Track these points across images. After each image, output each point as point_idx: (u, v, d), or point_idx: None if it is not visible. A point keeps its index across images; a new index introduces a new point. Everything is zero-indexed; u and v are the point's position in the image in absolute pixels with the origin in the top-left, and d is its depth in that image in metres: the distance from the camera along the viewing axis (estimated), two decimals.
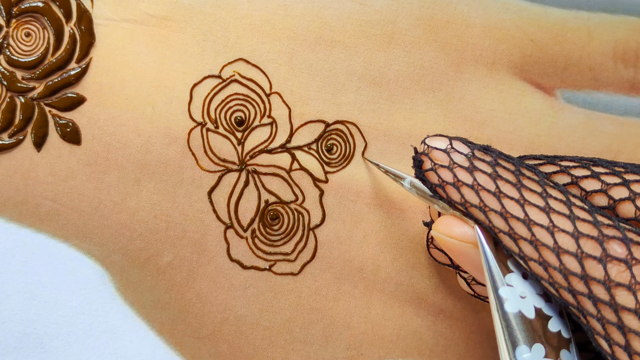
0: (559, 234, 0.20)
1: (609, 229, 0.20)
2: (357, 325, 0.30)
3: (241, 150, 0.30)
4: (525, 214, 0.21)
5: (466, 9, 0.30)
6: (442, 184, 0.22)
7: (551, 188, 0.21)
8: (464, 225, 0.22)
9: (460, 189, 0.22)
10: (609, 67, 0.31)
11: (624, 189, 0.21)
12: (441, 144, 0.23)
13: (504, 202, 0.21)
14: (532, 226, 0.20)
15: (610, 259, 0.19)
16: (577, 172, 0.22)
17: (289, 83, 0.30)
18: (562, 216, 0.20)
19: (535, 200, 0.21)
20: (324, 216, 0.30)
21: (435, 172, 0.22)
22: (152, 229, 0.30)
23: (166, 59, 0.30)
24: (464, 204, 0.22)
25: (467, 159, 0.22)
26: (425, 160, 0.23)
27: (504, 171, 0.22)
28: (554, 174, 0.22)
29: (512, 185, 0.21)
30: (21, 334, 0.29)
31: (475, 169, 0.22)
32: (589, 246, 0.20)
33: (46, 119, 0.29)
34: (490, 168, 0.22)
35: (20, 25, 0.29)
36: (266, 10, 0.30)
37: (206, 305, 0.30)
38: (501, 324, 0.21)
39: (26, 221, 0.29)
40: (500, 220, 0.21)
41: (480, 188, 0.21)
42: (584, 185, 0.22)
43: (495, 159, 0.22)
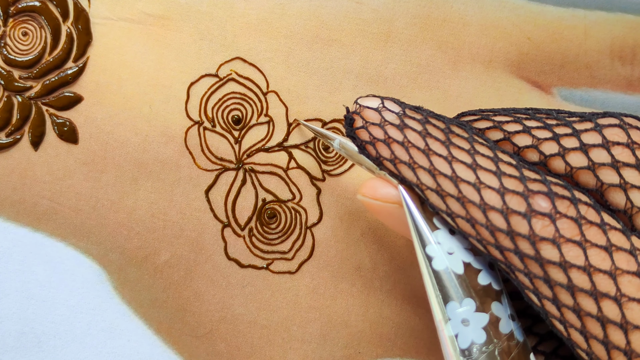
0: (485, 190, 0.20)
1: (535, 184, 0.20)
2: (354, 323, 0.30)
3: (238, 148, 0.30)
4: (452, 170, 0.21)
5: (463, 7, 0.30)
6: (373, 140, 0.22)
7: (479, 145, 0.21)
8: (388, 187, 0.23)
9: (390, 145, 0.22)
10: (606, 64, 0.31)
11: (554, 144, 0.21)
12: (373, 103, 0.23)
13: (432, 159, 0.21)
14: (459, 183, 0.20)
15: (534, 214, 0.19)
16: (509, 127, 0.22)
17: (286, 82, 0.30)
18: (489, 172, 0.20)
19: (463, 158, 0.21)
20: (321, 214, 0.30)
21: (366, 129, 0.22)
22: (150, 228, 0.30)
23: (163, 58, 0.30)
24: (393, 160, 0.22)
25: (398, 117, 0.22)
26: (356, 119, 0.23)
27: (434, 129, 0.22)
28: (488, 129, 0.22)
29: (441, 142, 0.21)
30: (19, 333, 0.29)
31: (406, 127, 0.22)
32: (515, 202, 0.20)
33: (43, 118, 0.29)
34: (421, 126, 0.22)
35: (18, 25, 0.29)
36: (263, 9, 0.30)
37: (204, 304, 0.30)
38: (431, 281, 0.21)
39: (23, 220, 0.29)
40: (429, 177, 0.21)
41: (410, 145, 0.21)
42: (516, 141, 0.22)
43: (426, 117, 0.22)
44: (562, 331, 0.20)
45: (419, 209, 0.22)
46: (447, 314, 0.21)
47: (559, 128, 0.21)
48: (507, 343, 0.21)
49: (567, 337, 0.19)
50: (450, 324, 0.21)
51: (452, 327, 0.21)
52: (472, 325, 0.21)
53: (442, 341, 0.21)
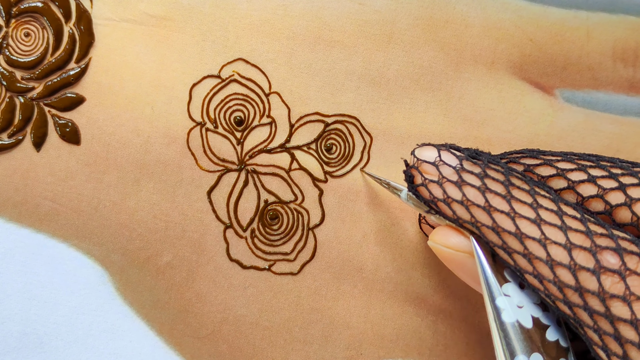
0: (551, 246, 0.20)
1: (602, 239, 0.20)
2: (356, 325, 0.30)
3: (240, 150, 0.30)
4: (516, 227, 0.20)
5: (465, 8, 0.30)
6: (434, 199, 0.22)
7: (542, 197, 0.21)
8: (459, 236, 0.22)
9: (451, 205, 0.22)
10: (608, 66, 0.31)
11: (620, 194, 0.21)
12: (430, 155, 0.23)
13: (494, 216, 0.21)
14: (524, 239, 0.20)
15: (604, 270, 0.19)
16: (574, 175, 0.22)
17: (288, 83, 0.30)
18: (554, 227, 0.20)
19: (526, 212, 0.21)
20: (323, 216, 0.30)
21: (426, 187, 0.22)
22: (152, 229, 0.30)
23: (165, 59, 0.30)
24: (456, 220, 0.22)
25: (455, 172, 0.22)
26: (415, 175, 0.23)
27: (493, 182, 0.21)
28: (551, 177, 0.22)
29: (502, 197, 0.21)
30: (21, 334, 0.29)
31: (464, 183, 0.22)
32: (582, 257, 0.19)
33: (45, 119, 0.29)
34: (479, 181, 0.21)
35: (20, 25, 0.29)
36: (265, 10, 0.30)
37: (205, 305, 0.30)
38: (499, 334, 0.21)
39: (26, 221, 0.29)
40: (493, 234, 0.21)
41: (470, 204, 0.21)
42: (580, 191, 0.21)
43: (484, 169, 0.22)
44: None
45: (489, 260, 0.22)
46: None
47: (624, 178, 0.21)
48: None
49: None
50: None
51: None
52: None
53: None
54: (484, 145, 0.30)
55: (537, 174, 0.22)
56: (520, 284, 0.21)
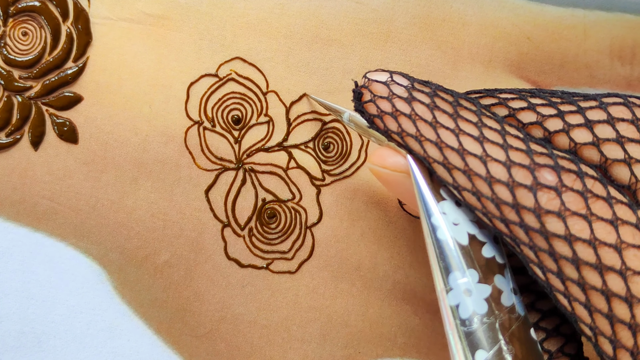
0: (491, 163, 0.20)
1: (542, 157, 0.20)
2: (354, 323, 0.30)
3: (238, 148, 0.30)
4: (459, 143, 0.21)
5: (462, 7, 0.30)
6: (380, 114, 0.22)
7: (487, 118, 0.21)
8: (397, 156, 0.22)
9: (397, 118, 0.22)
10: (606, 64, 0.31)
11: (559, 121, 0.21)
12: (382, 77, 0.23)
13: (439, 132, 0.21)
14: (465, 156, 0.20)
15: (540, 187, 0.19)
16: (515, 104, 0.22)
17: (285, 81, 0.30)
18: (496, 145, 0.20)
19: (470, 130, 0.21)
20: (321, 214, 0.30)
21: (374, 102, 0.22)
22: (150, 228, 0.30)
23: (163, 58, 0.30)
24: (400, 133, 0.22)
25: (406, 90, 0.22)
26: (365, 93, 0.23)
27: (442, 102, 0.22)
28: (493, 106, 0.22)
29: (449, 115, 0.21)
30: (19, 333, 0.29)
31: (414, 100, 0.22)
32: (521, 175, 0.20)
33: (43, 118, 0.29)
34: (429, 99, 0.22)
35: (17, 25, 0.29)
36: (262, 8, 0.30)
37: (203, 304, 0.30)
38: (435, 251, 0.21)
39: (23, 220, 0.29)
40: (435, 149, 0.21)
41: (417, 118, 0.21)
42: (521, 118, 0.22)
43: (434, 90, 0.22)
44: (566, 305, 0.19)
45: (427, 179, 0.22)
46: (449, 284, 0.21)
47: (563, 106, 0.21)
48: (508, 316, 0.21)
49: (571, 311, 0.19)
50: (451, 293, 0.21)
51: (454, 297, 0.21)
52: (474, 296, 0.20)
53: (442, 311, 0.21)
54: None
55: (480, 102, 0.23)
56: (456, 201, 0.22)
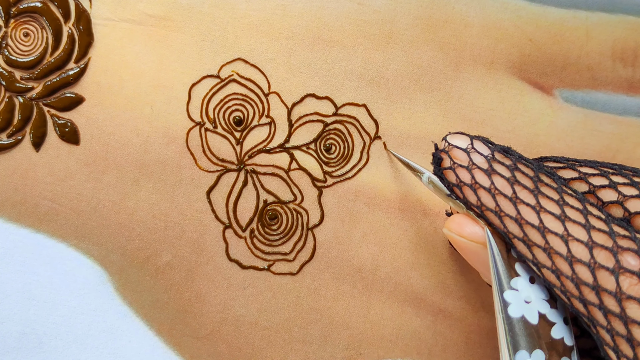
0: (572, 242, 0.20)
1: (624, 240, 0.20)
2: (355, 325, 0.30)
3: (240, 150, 0.30)
4: (540, 221, 0.20)
5: (464, 8, 0.30)
6: (460, 184, 0.22)
7: (568, 196, 0.21)
8: (475, 225, 0.22)
9: (477, 191, 0.22)
10: (608, 66, 0.31)
11: None
12: (462, 142, 0.23)
13: (519, 208, 0.21)
14: (546, 234, 0.20)
15: (623, 271, 0.19)
16: (595, 180, 0.22)
17: (287, 83, 0.30)
18: (578, 225, 0.20)
19: (551, 208, 0.21)
20: (322, 216, 0.30)
21: (453, 171, 0.22)
22: (151, 229, 0.30)
23: (165, 59, 0.30)
24: (479, 207, 0.22)
25: (486, 161, 0.22)
26: (444, 158, 0.23)
27: (523, 176, 0.22)
28: (572, 180, 0.22)
29: (530, 191, 0.21)
30: (20, 334, 0.29)
31: (494, 172, 0.22)
32: (603, 257, 0.19)
33: (45, 119, 0.29)
34: (509, 172, 0.22)
35: (19, 25, 0.29)
36: (264, 10, 0.30)
37: (205, 305, 0.30)
38: (504, 327, 0.21)
39: (25, 221, 0.29)
40: (515, 226, 0.21)
41: (497, 192, 0.21)
42: (601, 195, 0.22)
43: (515, 162, 0.22)
44: None
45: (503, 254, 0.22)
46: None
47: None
48: None
49: None
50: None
51: None
52: None
53: None
54: None
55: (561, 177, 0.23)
56: (530, 278, 0.21)
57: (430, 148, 0.30)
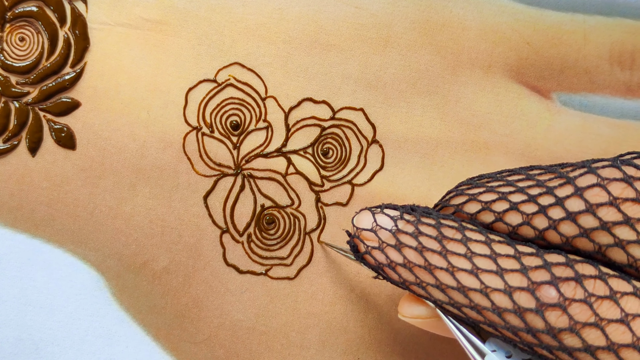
0: (493, 293, 0.20)
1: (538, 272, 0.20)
2: (353, 329, 0.30)
3: (237, 154, 0.30)
4: (457, 281, 0.21)
5: (462, 12, 0.30)
6: (380, 265, 0.22)
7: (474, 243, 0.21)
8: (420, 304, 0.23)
9: (395, 269, 0.22)
10: (605, 69, 0.30)
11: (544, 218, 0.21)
12: (367, 221, 0.23)
13: (436, 274, 0.21)
14: (467, 292, 0.21)
15: (545, 307, 0.19)
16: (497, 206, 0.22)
17: (284, 87, 0.30)
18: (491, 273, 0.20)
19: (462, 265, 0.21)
20: (319, 220, 0.30)
21: (370, 254, 0.23)
22: (148, 234, 0.30)
23: (161, 63, 0.30)
24: (403, 283, 0.22)
25: (392, 235, 0.22)
26: (358, 244, 0.23)
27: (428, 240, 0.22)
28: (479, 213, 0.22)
29: (438, 253, 0.21)
30: (16, 339, 0.29)
31: (402, 245, 0.22)
32: (524, 299, 0.20)
33: (41, 124, 0.29)
34: (415, 240, 0.22)
35: (15, 30, 0.29)
36: (261, 13, 0.30)
37: (202, 310, 0.30)
38: None
39: (21, 226, 0.29)
40: (439, 292, 0.21)
41: (412, 265, 0.21)
42: (508, 220, 0.22)
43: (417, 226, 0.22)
44: None
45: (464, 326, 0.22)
46: None
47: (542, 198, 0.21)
48: None
49: None
50: None
51: None
52: None
53: None
54: (480, 149, 0.30)
55: (466, 212, 0.23)
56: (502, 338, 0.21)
57: (427, 151, 0.30)
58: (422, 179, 0.30)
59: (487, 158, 0.30)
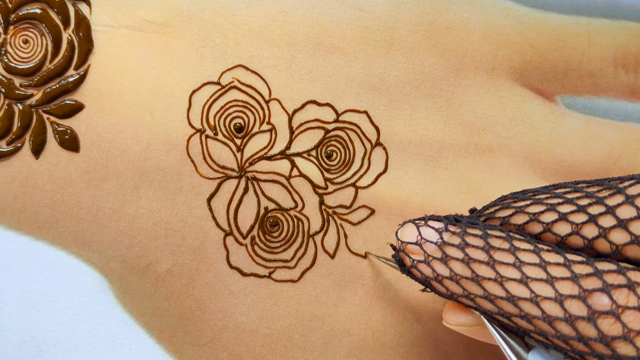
0: (543, 302, 0.20)
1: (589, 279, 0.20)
2: (357, 332, 0.30)
3: (240, 157, 0.30)
4: (506, 291, 0.21)
5: (466, 14, 0.30)
6: (427, 279, 0.22)
7: (523, 252, 0.21)
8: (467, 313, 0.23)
9: (442, 282, 0.22)
10: (609, 72, 0.30)
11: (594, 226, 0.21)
12: (411, 234, 0.23)
13: (484, 285, 0.21)
14: (517, 302, 0.20)
15: (598, 315, 0.19)
16: (545, 217, 0.22)
17: (288, 89, 0.30)
18: (541, 282, 0.20)
19: (511, 274, 0.21)
20: (323, 223, 0.30)
21: (416, 268, 0.23)
22: (151, 236, 0.30)
23: (165, 66, 0.29)
24: (451, 296, 0.22)
25: (438, 248, 0.22)
26: (403, 258, 0.23)
27: (475, 251, 0.22)
28: (527, 224, 0.22)
29: (486, 264, 0.21)
30: (20, 342, 0.29)
31: (449, 258, 0.22)
32: (575, 307, 0.20)
33: (44, 126, 0.29)
34: (461, 252, 0.22)
35: (18, 32, 0.29)
36: (265, 16, 0.30)
37: (206, 313, 0.30)
38: None
39: (25, 229, 0.29)
40: (488, 303, 0.21)
41: (459, 278, 0.21)
42: (557, 231, 0.21)
43: (463, 237, 0.22)
44: None
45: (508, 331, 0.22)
46: None
47: (592, 208, 0.21)
48: None
49: None
50: None
51: None
52: None
53: None
54: (484, 152, 0.30)
55: (513, 224, 0.22)
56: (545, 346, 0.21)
57: (431, 154, 0.30)
58: (426, 181, 0.30)
59: (491, 161, 0.30)
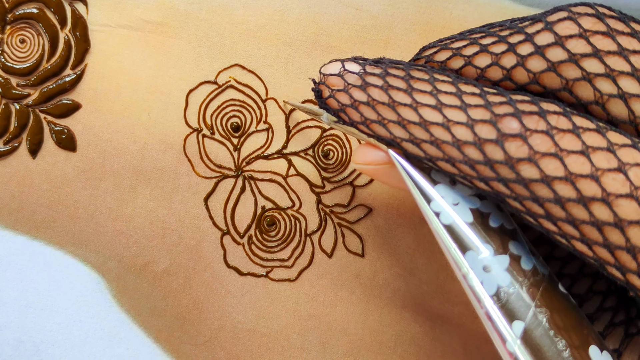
0: (454, 127, 0.20)
1: (501, 107, 0.20)
2: (354, 331, 0.30)
3: (237, 156, 0.30)
4: (419, 116, 0.20)
5: (462, 13, 0.30)
6: (342, 107, 0.22)
7: (441, 83, 0.21)
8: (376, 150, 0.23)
9: (358, 108, 0.22)
10: None
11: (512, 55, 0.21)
12: (334, 68, 0.23)
13: (398, 110, 0.21)
14: (428, 127, 0.20)
15: (506, 137, 0.19)
16: (467, 50, 0.22)
17: (285, 88, 0.30)
18: (455, 109, 0.20)
19: (427, 101, 0.21)
20: (320, 222, 0.30)
21: (333, 97, 0.22)
22: (148, 236, 0.30)
23: (162, 65, 0.30)
24: (364, 122, 0.22)
25: (359, 77, 0.22)
26: (323, 89, 0.23)
27: (395, 79, 0.22)
28: (449, 59, 0.22)
29: (404, 91, 0.21)
30: (17, 341, 0.29)
31: (368, 85, 0.22)
32: (485, 131, 0.19)
33: (41, 125, 0.29)
34: (381, 80, 0.22)
35: (15, 32, 0.29)
36: (262, 15, 0.30)
37: (203, 312, 0.30)
38: (444, 236, 0.21)
39: (21, 228, 0.29)
40: (400, 129, 0.21)
41: (375, 102, 0.21)
42: (477, 63, 0.21)
43: (385, 69, 0.22)
44: (566, 244, 0.19)
45: (415, 166, 0.22)
46: (467, 264, 0.20)
47: (512, 37, 0.21)
48: (533, 279, 0.20)
49: (573, 249, 0.19)
50: (472, 273, 0.20)
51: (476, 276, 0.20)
52: (494, 269, 0.20)
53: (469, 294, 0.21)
54: None
55: (437, 61, 0.23)
56: (450, 181, 0.21)
57: None
58: None
59: None
